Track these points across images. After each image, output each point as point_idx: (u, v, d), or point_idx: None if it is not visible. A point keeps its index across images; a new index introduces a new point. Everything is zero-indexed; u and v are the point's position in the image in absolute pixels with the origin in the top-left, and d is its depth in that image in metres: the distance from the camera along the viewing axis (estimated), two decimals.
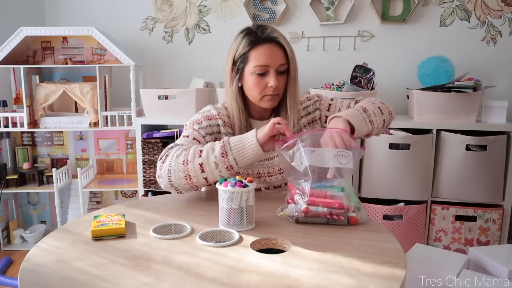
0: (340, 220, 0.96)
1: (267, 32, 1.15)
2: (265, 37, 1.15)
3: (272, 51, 1.15)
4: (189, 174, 1.07)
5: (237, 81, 1.20)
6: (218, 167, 1.05)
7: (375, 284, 0.69)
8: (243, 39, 1.17)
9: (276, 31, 1.17)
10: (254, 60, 1.15)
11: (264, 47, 1.15)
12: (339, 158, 0.97)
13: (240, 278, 0.72)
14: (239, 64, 1.18)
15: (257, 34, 1.16)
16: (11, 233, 2.52)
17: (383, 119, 1.20)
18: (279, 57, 1.15)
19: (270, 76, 1.15)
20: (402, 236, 2.04)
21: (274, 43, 1.15)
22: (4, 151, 2.47)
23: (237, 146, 1.05)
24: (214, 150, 1.05)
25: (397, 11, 2.40)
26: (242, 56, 1.17)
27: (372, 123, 1.14)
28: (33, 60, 2.55)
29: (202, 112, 1.25)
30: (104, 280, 0.71)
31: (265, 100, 1.19)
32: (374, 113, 1.16)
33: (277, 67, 1.15)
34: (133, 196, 2.64)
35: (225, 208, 0.92)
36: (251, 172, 1.24)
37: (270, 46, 1.15)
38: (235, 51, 1.19)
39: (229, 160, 1.05)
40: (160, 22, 2.62)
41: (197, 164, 1.06)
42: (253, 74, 1.16)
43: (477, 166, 1.99)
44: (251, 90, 1.18)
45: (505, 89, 2.39)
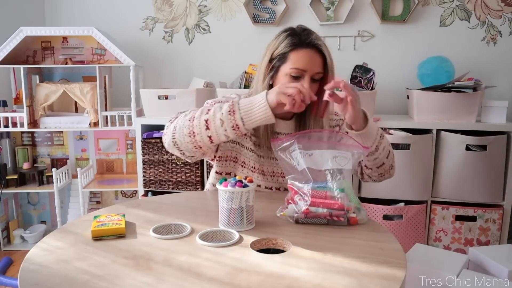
0: (340, 221, 0.96)
1: (312, 38, 1.14)
2: (308, 42, 1.14)
3: (313, 57, 1.14)
4: (194, 130, 1.06)
5: (270, 78, 1.19)
6: (224, 125, 1.03)
7: (375, 284, 0.69)
8: (286, 39, 1.16)
9: (320, 39, 1.16)
10: (293, 62, 1.14)
11: (305, 52, 1.14)
12: (338, 160, 0.97)
13: (240, 278, 0.72)
14: (276, 62, 1.18)
15: (301, 37, 1.15)
16: (11, 233, 2.52)
17: (383, 162, 1.17)
18: (317, 65, 1.14)
19: (304, 81, 1.14)
20: (402, 236, 2.04)
21: (316, 50, 1.14)
22: (4, 151, 2.47)
23: (245, 106, 1.03)
24: (222, 108, 1.04)
25: (397, 11, 2.40)
26: (281, 55, 1.16)
27: (377, 149, 1.12)
28: (33, 60, 2.55)
29: (226, 97, 1.25)
30: (104, 280, 0.71)
31: None
32: (383, 148, 1.14)
33: (313, 74, 1.14)
34: (133, 196, 2.64)
35: (225, 208, 0.92)
36: (266, 169, 1.24)
37: (312, 51, 1.14)
38: (275, 49, 1.18)
39: (235, 119, 1.02)
40: (160, 22, 2.62)
41: (203, 120, 1.05)
42: (288, 75, 1.15)
43: (477, 166, 1.99)
44: None
45: (505, 89, 2.39)
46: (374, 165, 1.17)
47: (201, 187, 2.22)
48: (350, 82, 2.14)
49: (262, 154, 1.24)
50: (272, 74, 1.19)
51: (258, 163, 1.24)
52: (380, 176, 1.22)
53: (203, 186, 2.24)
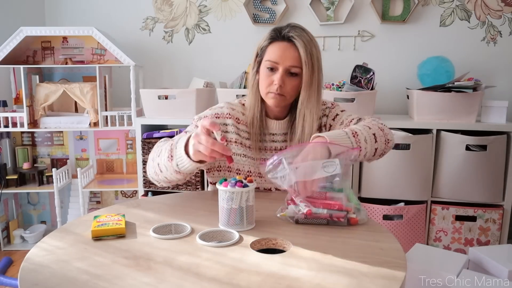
0: (340, 222, 0.96)
1: (287, 31, 1.15)
2: (283, 35, 1.15)
3: (286, 50, 1.15)
4: (155, 171, 1.11)
5: (255, 73, 1.22)
6: (169, 169, 1.06)
7: (375, 284, 0.69)
8: (268, 33, 1.19)
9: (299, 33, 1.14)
10: (268, 54, 1.16)
11: (280, 44, 1.15)
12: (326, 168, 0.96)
13: (240, 278, 0.72)
14: (258, 56, 1.20)
15: (280, 30, 1.17)
16: (11, 233, 2.52)
17: (375, 148, 1.11)
18: (291, 58, 1.14)
19: (277, 74, 1.15)
20: (402, 236, 2.04)
21: (291, 43, 1.15)
22: (4, 151, 2.47)
23: (179, 152, 1.02)
24: (165, 152, 1.05)
25: (397, 11, 2.40)
26: (263, 49, 1.19)
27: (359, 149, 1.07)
28: (33, 60, 2.55)
29: (213, 109, 1.26)
30: (104, 280, 0.71)
31: (269, 97, 1.18)
32: (365, 140, 1.08)
33: (286, 67, 1.15)
34: (133, 196, 2.64)
35: (225, 208, 0.92)
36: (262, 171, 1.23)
37: (287, 45, 1.15)
38: (260, 44, 1.21)
39: (172, 165, 1.04)
40: (160, 22, 2.62)
41: (156, 164, 1.09)
42: (265, 68, 1.17)
43: (477, 166, 1.99)
44: (261, 84, 1.20)
45: (505, 89, 2.39)
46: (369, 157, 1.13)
47: (201, 187, 2.22)
48: (350, 82, 2.14)
49: (257, 157, 1.23)
50: (256, 69, 1.21)
51: (254, 167, 1.23)
52: (381, 156, 1.18)
53: (203, 186, 2.24)
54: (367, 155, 1.12)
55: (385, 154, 1.19)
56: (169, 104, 2.24)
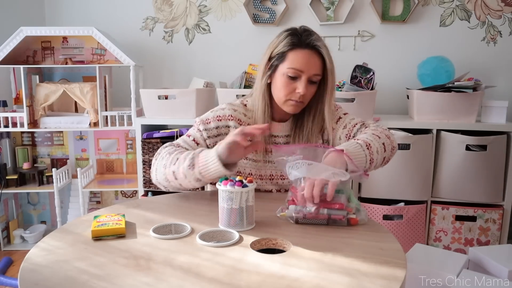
0: (341, 222, 0.96)
1: (312, 39, 1.13)
2: (308, 43, 1.13)
3: (311, 58, 1.13)
4: (167, 178, 1.10)
5: (268, 77, 1.19)
6: (187, 178, 1.06)
7: (375, 284, 0.69)
8: (286, 38, 1.15)
9: (320, 40, 1.14)
10: (290, 62, 1.13)
11: (304, 52, 1.13)
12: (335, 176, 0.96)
13: (240, 278, 0.72)
14: (274, 61, 1.17)
15: (301, 37, 1.14)
16: (11, 233, 2.52)
17: (384, 157, 1.14)
18: (315, 66, 1.14)
19: (301, 82, 1.13)
20: (402, 236, 2.04)
21: (315, 51, 1.13)
22: (4, 151, 2.47)
23: (202, 161, 1.03)
24: (185, 161, 1.05)
25: (397, 11, 2.40)
26: (280, 54, 1.15)
27: (372, 161, 1.09)
28: (33, 60, 2.55)
29: (215, 111, 1.24)
30: (104, 280, 0.71)
31: (288, 104, 1.17)
32: (377, 151, 1.10)
33: (310, 76, 1.13)
34: (133, 196, 2.64)
35: (225, 208, 0.92)
36: (264, 173, 1.23)
37: (310, 52, 1.13)
38: (274, 47, 1.17)
39: (195, 173, 1.04)
40: (160, 22, 2.62)
41: (171, 171, 1.08)
42: (285, 75, 1.14)
43: (477, 166, 1.99)
44: (279, 90, 1.17)
45: (505, 89, 2.39)
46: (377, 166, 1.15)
47: (201, 187, 2.22)
48: (350, 82, 2.14)
49: (258, 159, 1.23)
50: (270, 73, 1.18)
51: (255, 169, 1.23)
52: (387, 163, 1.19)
53: (203, 186, 2.23)
54: (375, 166, 1.13)
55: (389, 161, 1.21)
56: (169, 104, 2.24)
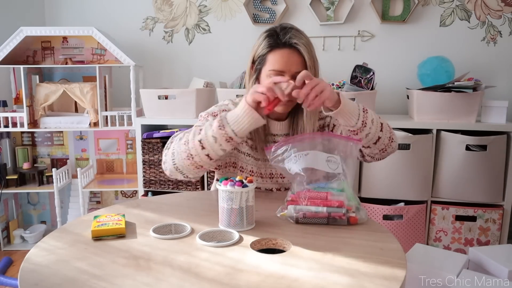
0: (341, 220, 0.96)
1: (288, 37, 1.12)
2: (284, 42, 1.12)
3: (290, 57, 1.12)
4: (191, 153, 1.05)
5: (255, 80, 1.19)
6: (218, 141, 1.03)
7: (375, 284, 0.69)
8: (264, 40, 1.15)
9: (298, 37, 1.13)
10: (270, 64, 1.13)
11: (282, 52, 1.12)
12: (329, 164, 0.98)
13: (240, 278, 0.72)
14: (257, 64, 1.17)
15: (278, 37, 1.13)
16: (11, 233, 2.52)
17: (378, 136, 1.11)
18: (296, 64, 1.12)
19: None
20: (402, 236, 2.04)
21: (293, 49, 1.12)
22: (4, 151, 2.47)
23: (232, 117, 1.03)
24: (212, 125, 1.04)
25: (397, 11, 2.40)
26: (261, 57, 1.15)
27: (364, 124, 1.07)
28: (33, 60, 2.55)
29: (219, 105, 1.24)
30: (104, 280, 0.71)
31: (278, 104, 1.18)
32: (372, 121, 1.09)
33: (292, 74, 1.12)
34: (133, 196, 2.64)
35: (225, 208, 0.92)
36: (264, 172, 1.24)
37: (289, 51, 1.12)
38: (255, 51, 1.17)
39: (226, 132, 1.02)
40: (160, 22, 2.62)
41: (197, 141, 1.04)
42: (268, 77, 1.14)
43: (477, 166, 1.99)
44: None
45: (505, 89, 2.39)
46: (370, 142, 1.12)
47: (201, 187, 2.23)
48: (350, 82, 2.14)
49: (259, 157, 1.23)
50: (256, 76, 1.19)
51: (256, 167, 1.24)
52: (382, 152, 1.17)
53: (203, 186, 2.24)
54: (369, 138, 1.10)
55: (387, 153, 1.18)
56: (169, 104, 2.24)
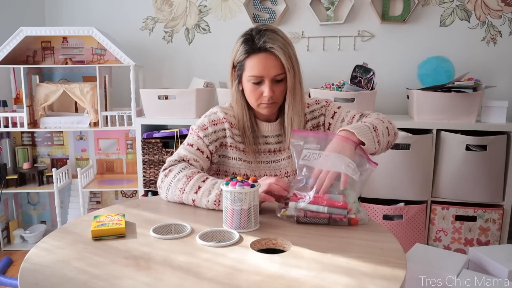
0: (342, 222, 0.96)
1: (263, 41, 1.10)
2: (260, 47, 1.11)
3: (267, 61, 1.11)
4: (183, 201, 1.11)
5: (237, 84, 1.20)
6: (209, 208, 1.08)
7: (375, 284, 0.69)
8: (241, 46, 1.14)
9: (272, 39, 1.10)
10: (249, 70, 1.13)
11: (259, 57, 1.11)
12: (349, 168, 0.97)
13: (240, 278, 0.72)
14: (237, 70, 1.17)
15: (253, 41, 1.12)
16: (11, 233, 2.52)
17: (388, 140, 1.15)
18: (274, 67, 1.12)
19: (265, 86, 1.13)
20: (402, 236, 2.04)
21: (270, 53, 1.11)
22: (4, 151, 2.47)
23: None
24: (210, 194, 1.06)
25: (397, 11, 2.40)
26: (240, 64, 1.15)
27: (379, 143, 1.09)
28: (33, 60, 2.55)
29: (208, 116, 1.24)
30: (104, 280, 0.71)
31: (262, 107, 1.18)
32: (382, 133, 1.11)
33: (272, 77, 1.13)
34: (133, 196, 2.64)
35: (235, 210, 0.91)
36: (258, 174, 1.24)
37: (265, 55, 1.11)
38: (234, 57, 1.17)
39: (219, 208, 1.05)
40: (160, 22, 2.62)
41: (191, 199, 1.09)
42: (249, 83, 1.15)
43: (477, 166, 1.99)
44: (248, 97, 1.18)
45: (505, 89, 2.38)
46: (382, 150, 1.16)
47: None
48: (350, 82, 2.14)
49: (251, 160, 1.23)
50: (238, 81, 1.19)
51: (249, 170, 1.23)
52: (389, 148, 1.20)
53: None
54: (382, 149, 1.14)
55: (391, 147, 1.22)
56: (169, 104, 2.24)
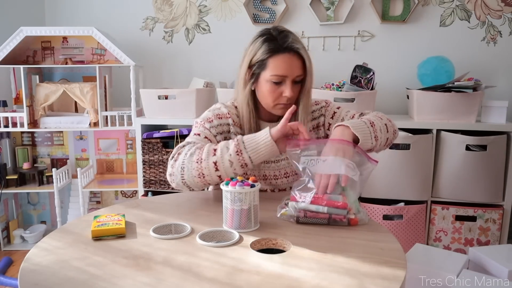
0: (342, 222, 0.96)
1: (290, 41, 1.12)
2: (286, 46, 1.12)
3: (292, 61, 1.12)
4: (203, 172, 1.06)
5: (251, 85, 1.18)
6: (233, 165, 1.05)
7: (375, 284, 0.69)
8: (263, 45, 1.14)
9: (297, 41, 1.13)
10: (272, 69, 1.13)
11: (284, 57, 1.12)
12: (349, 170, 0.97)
13: (240, 278, 0.72)
14: (255, 69, 1.16)
15: (277, 41, 1.12)
16: (11, 233, 2.52)
17: (387, 137, 1.17)
18: (297, 68, 1.13)
19: (286, 86, 1.13)
20: (402, 236, 2.04)
21: (294, 53, 1.12)
22: (4, 151, 2.47)
23: (251, 144, 1.05)
24: (229, 149, 1.05)
25: (397, 11, 2.40)
26: (260, 62, 1.14)
27: (376, 139, 1.10)
28: (33, 60, 2.55)
29: (212, 110, 1.23)
30: (104, 280, 0.71)
31: (278, 108, 1.17)
32: (380, 130, 1.12)
33: (294, 78, 1.13)
34: (133, 196, 2.64)
35: (235, 210, 0.91)
36: (257, 174, 1.23)
37: (290, 56, 1.12)
38: (253, 55, 1.16)
39: (244, 158, 1.04)
40: (160, 22, 2.62)
41: (211, 162, 1.05)
42: (269, 82, 1.14)
43: (477, 166, 1.99)
44: (265, 97, 1.17)
45: (505, 89, 2.39)
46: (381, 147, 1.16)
47: None
48: (350, 82, 2.14)
49: None
50: (253, 81, 1.18)
51: (257, 170, 1.23)
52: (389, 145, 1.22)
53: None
54: (381, 145, 1.14)
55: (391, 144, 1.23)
56: (169, 104, 2.24)
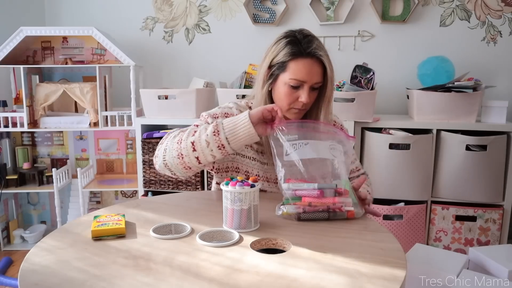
0: (341, 213, 0.97)
1: (313, 47, 1.11)
2: (309, 52, 1.10)
3: (313, 67, 1.11)
4: (182, 152, 1.06)
5: (269, 85, 1.17)
6: (209, 146, 1.03)
7: (375, 284, 0.69)
8: (286, 47, 1.12)
9: (321, 48, 1.12)
10: (292, 72, 1.11)
11: (305, 62, 1.11)
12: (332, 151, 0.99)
13: (240, 278, 0.72)
14: (275, 69, 1.15)
15: (301, 45, 1.11)
16: (11, 233, 2.52)
17: None
18: (317, 75, 1.12)
19: (304, 91, 1.12)
20: (402, 236, 2.04)
21: (316, 59, 1.11)
22: (4, 151, 2.47)
23: (229, 125, 1.03)
24: (207, 129, 1.04)
25: (397, 11, 2.40)
26: (280, 64, 1.13)
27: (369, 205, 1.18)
28: (33, 60, 2.55)
29: (222, 108, 1.22)
30: (104, 280, 0.71)
31: (292, 112, 1.16)
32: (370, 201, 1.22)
33: (312, 84, 1.12)
34: (133, 196, 2.64)
35: (235, 210, 0.91)
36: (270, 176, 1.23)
37: (312, 61, 1.11)
38: (274, 56, 1.14)
39: (220, 139, 1.03)
40: (160, 22, 2.62)
41: (189, 142, 1.05)
42: (287, 85, 1.13)
43: (477, 166, 1.99)
44: (281, 99, 1.15)
45: (505, 89, 2.39)
46: None
47: (201, 187, 2.22)
48: (350, 82, 2.14)
49: (266, 161, 1.22)
50: (271, 82, 1.17)
51: (262, 171, 1.22)
52: None
53: (203, 186, 2.24)
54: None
55: None
56: (169, 104, 2.24)
